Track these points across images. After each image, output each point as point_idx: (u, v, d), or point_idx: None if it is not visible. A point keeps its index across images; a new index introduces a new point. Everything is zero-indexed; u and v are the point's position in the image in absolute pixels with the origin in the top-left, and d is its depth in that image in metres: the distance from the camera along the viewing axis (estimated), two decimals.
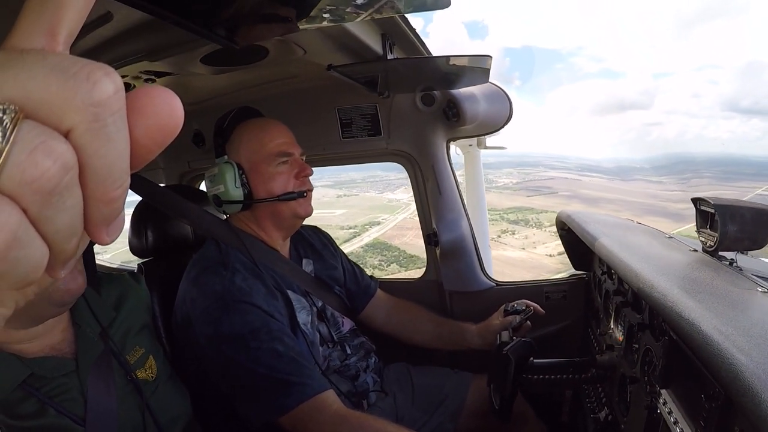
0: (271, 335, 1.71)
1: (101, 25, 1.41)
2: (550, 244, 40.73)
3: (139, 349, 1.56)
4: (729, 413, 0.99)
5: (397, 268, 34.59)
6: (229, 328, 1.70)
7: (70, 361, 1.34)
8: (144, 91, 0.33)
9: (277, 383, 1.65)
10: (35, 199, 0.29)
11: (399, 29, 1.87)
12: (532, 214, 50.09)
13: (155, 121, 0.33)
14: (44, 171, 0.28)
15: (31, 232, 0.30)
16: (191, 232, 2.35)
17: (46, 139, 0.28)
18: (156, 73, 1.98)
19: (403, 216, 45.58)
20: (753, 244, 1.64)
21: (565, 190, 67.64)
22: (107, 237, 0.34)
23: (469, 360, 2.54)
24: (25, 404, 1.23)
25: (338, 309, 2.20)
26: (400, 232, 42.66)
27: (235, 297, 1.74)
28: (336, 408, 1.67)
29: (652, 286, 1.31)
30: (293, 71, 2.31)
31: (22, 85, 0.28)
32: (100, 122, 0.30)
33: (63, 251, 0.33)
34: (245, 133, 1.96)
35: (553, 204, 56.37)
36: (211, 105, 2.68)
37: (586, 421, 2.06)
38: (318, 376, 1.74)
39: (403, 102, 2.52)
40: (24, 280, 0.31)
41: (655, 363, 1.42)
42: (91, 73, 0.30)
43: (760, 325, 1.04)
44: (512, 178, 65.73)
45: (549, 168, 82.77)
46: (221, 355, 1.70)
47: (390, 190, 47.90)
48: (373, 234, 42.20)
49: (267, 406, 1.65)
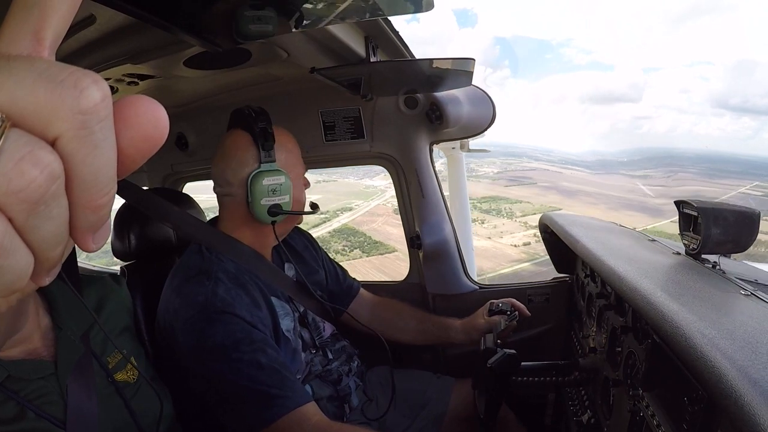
0: (253, 346, 1.69)
1: (84, 27, 1.40)
2: (518, 234, 41.00)
3: (120, 352, 1.54)
4: (712, 416, 1.00)
5: (360, 254, 34.46)
6: (211, 339, 1.68)
7: (49, 363, 1.32)
8: (129, 100, 0.33)
9: (258, 395, 1.64)
10: (21, 209, 0.28)
11: (382, 32, 1.87)
12: (506, 204, 50.03)
13: (140, 132, 0.33)
14: (31, 181, 0.28)
15: (17, 241, 0.30)
16: (174, 236, 2.32)
17: (32, 149, 0.28)
18: (139, 76, 1.96)
19: (377, 203, 45.49)
20: (736, 246, 1.66)
21: (544, 181, 67.83)
22: (93, 244, 0.34)
23: (452, 365, 2.54)
24: (4, 408, 1.21)
25: (319, 314, 2.19)
26: (370, 218, 42.63)
27: (218, 308, 1.72)
28: (317, 420, 1.66)
29: (636, 289, 1.32)
30: (276, 74, 2.30)
31: (9, 92, 0.28)
32: (88, 129, 0.30)
33: (48, 259, 0.32)
34: (284, 143, 1.93)
35: (529, 194, 56.55)
36: (195, 108, 2.66)
37: (569, 424, 2.07)
38: (299, 388, 1.73)
39: (387, 105, 2.52)
40: (9, 288, 0.31)
41: (638, 366, 1.43)
42: (79, 80, 0.29)
43: (743, 328, 1.05)
44: (493, 168, 65.78)
45: (533, 159, 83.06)
46: (203, 366, 1.68)
47: (369, 176, 47.84)
48: (343, 220, 41.94)
49: (249, 418, 1.64)
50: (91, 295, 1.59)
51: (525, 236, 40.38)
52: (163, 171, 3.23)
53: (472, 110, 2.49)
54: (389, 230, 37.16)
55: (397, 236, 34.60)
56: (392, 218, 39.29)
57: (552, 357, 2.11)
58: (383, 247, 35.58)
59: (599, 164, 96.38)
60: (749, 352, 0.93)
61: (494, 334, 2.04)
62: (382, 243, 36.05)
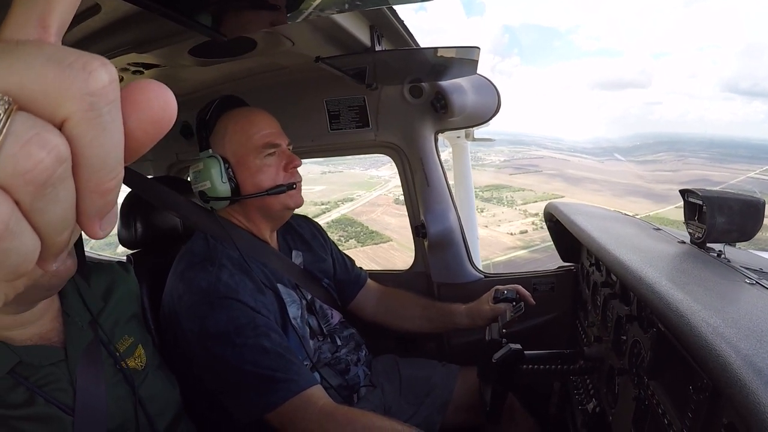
0: (257, 331, 1.70)
1: (90, 16, 1.40)
2: (516, 223, 40.76)
3: (128, 339, 1.54)
4: (717, 404, 1.00)
5: (355, 244, 34.48)
6: (214, 324, 1.69)
7: (59, 350, 1.33)
8: (138, 84, 0.34)
9: (263, 380, 1.64)
10: (28, 191, 0.29)
11: (387, 21, 1.86)
12: (508, 192, 49.72)
13: (149, 115, 0.34)
14: (37, 162, 0.28)
15: (23, 223, 0.30)
16: (180, 224, 2.33)
17: (39, 131, 0.28)
18: (144, 65, 1.96)
19: (378, 193, 45.53)
20: (741, 235, 1.66)
21: (550, 169, 67.27)
22: (100, 231, 0.34)
23: (457, 353, 2.54)
24: (14, 393, 1.22)
25: (327, 301, 2.20)
26: (369, 208, 42.60)
27: (221, 293, 1.73)
28: (323, 403, 1.66)
29: (640, 278, 1.32)
30: (281, 63, 2.30)
31: (19, 75, 0.28)
32: (96, 111, 0.30)
33: (55, 244, 0.32)
34: (230, 125, 1.92)
35: (533, 182, 56.17)
36: (200, 97, 2.66)
37: (574, 413, 2.08)
38: (305, 371, 1.73)
39: (392, 94, 2.52)
40: (15, 272, 0.31)
41: (643, 355, 1.43)
42: (87, 63, 0.30)
43: (747, 317, 1.05)
44: (501, 156, 65.36)
45: (541, 148, 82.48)
46: (207, 352, 1.69)
47: (375, 167, 47.74)
48: (343, 210, 41.92)
49: (253, 403, 1.65)
50: (100, 282, 1.59)
51: (523, 224, 40.28)
52: (168, 160, 3.22)
53: (476, 99, 2.48)
54: (388, 220, 37.40)
55: (394, 226, 34.63)
56: (392, 208, 39.79)
57: (557, 346, 2.10)
58: (378, 237, 35.49)
59: (608, 151, 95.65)
60: (754, 340, 0.93)
61: (499, 324, 2.04)
62: (378, 233, 36.05)
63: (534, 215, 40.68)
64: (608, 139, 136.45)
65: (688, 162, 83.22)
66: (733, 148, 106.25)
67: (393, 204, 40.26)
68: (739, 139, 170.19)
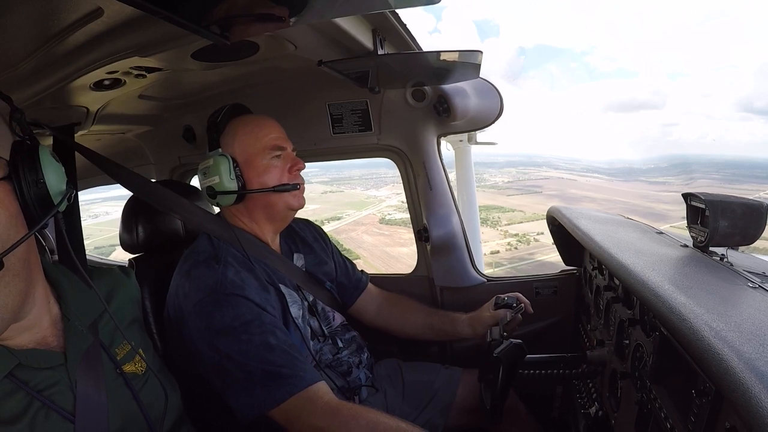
0: (263, 328, 1.71)
1: (92, 20, 1.40)
2: (491, 243, 40.86)
3: (128, 344, 1.54)
4: (719, 408, 1.00)
5: None
6: (220, 321, 1.70)
7: (58, 354, 1.32)
8: None
9: (268, 376, 1.65)
10: None
11: (389, 25, 1.86)
12: (498, 213, 49.74)
13: None
14: None
15: None
16: (182, 228, 2.34)
17: None
18: (147, 69, 1.96)
19: (367, 212, 46.11)
20: (744, 239, 1.66)
21: (552, 189, 67.11)
22: None
23: (460, 356, 2.54)
24: (13, 399, 1.21)
25: (329, 304, 2.21)
26: (353, 227, 43.30)
27: (227, 290, 1.74)
28: (328, 399, 1.66)
29: (643, 282, 1.32)
30: (284, 67, 2.30)
31: None
32: None
33: None
34: (240, 127, 1.98)
35: (528, 203, 55.96)
36: (202, 100, 2.66)
37: (576, 416, 2.07)
38: (310, 368, 1.74)
39: (394, 97, 2.52)
40: None
41: (645, 358, 1.43)
42: None
43: (750, 321, 1.05)
44: (506, 177, 65.15)
45: (553, 168, 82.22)
46: (213, 349, 1.69)
47: (376, 187, 47.99)
48: (328, 228, 42.15)
49: (259, 398, 1.65)
50: (101, 286, 1.58)
51: (498, 245, 40.74)
52: (171, 163, 3.23)
53: (479, 102, 2.48)
54: (365, 238, 38.37)
55: (367, 244, 35.92)
56: (373, 227, 41.11)
57: (560, 350, 2.10)
58: (352, 255, 35.18)
59: (621, 171, 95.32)
60: (756, 344, 0.93)
61: (500, 326, 2.04)
62: (350, 250, 36.66)
63: (514, 236, 41.47)
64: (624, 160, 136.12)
65: (695, 184, 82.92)
66: (749, 168, 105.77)
67: (377, 223, 41.29)
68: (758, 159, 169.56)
